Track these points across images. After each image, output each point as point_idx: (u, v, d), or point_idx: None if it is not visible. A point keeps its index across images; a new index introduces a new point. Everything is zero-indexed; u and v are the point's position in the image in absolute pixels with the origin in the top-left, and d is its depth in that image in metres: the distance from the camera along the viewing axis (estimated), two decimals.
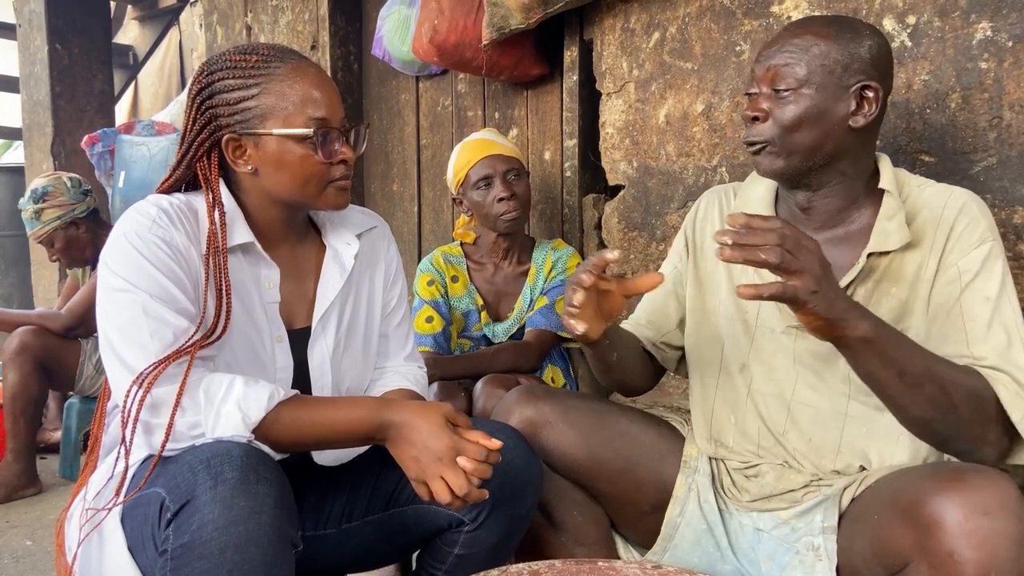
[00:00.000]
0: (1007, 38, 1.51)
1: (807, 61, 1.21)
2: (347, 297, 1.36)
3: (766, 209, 1.36)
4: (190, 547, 0.95)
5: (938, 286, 1.20)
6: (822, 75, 1.21)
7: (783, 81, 1.22)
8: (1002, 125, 1.52)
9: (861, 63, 1.21)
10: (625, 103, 2.22)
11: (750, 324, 1.35)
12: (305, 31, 3.29)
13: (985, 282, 1.16)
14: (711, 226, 1.45)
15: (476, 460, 1.08)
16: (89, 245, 2.97)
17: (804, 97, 1.21)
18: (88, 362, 2.92)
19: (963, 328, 1.16)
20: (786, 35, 1.25)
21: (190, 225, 1.19)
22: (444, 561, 1.29)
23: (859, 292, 1.24)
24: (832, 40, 1.21)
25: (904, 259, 1.23)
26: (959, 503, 0.95)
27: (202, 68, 1.23)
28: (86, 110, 4.86)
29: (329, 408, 1.14)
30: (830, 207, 1.28)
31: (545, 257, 2.20)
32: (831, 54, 1.20)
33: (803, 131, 1.22)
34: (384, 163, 3.21)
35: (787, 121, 1.22)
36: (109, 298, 1.11)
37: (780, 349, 1.31)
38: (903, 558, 1.01)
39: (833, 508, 1.21)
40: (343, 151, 1.23)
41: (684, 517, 1.34)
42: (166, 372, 1.06)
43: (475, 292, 2.19)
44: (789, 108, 1.22)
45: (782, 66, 1.23)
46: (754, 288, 1.02)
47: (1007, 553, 0.92)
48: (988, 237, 1.18)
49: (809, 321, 1.06)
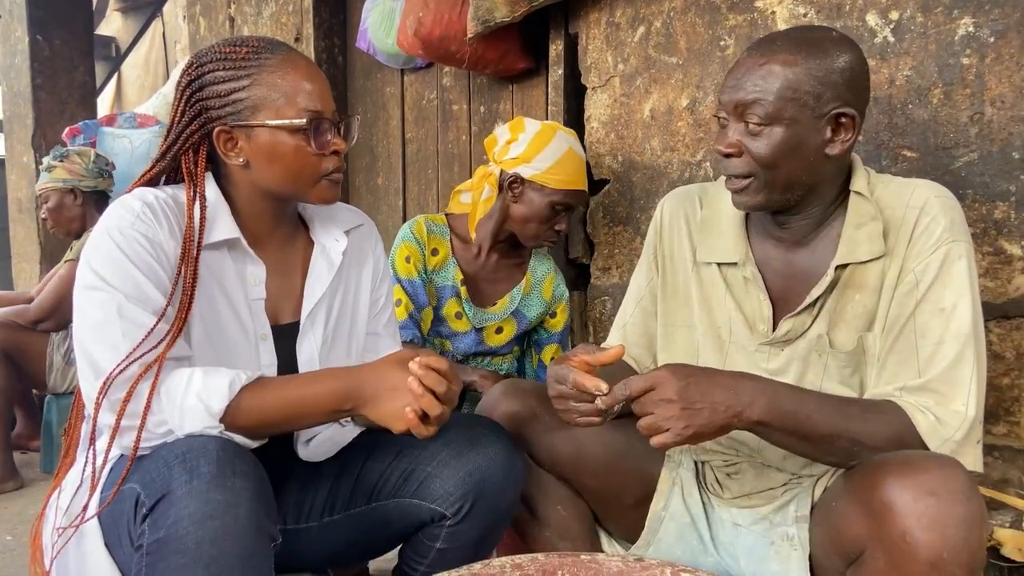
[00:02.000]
0: (989, 34, 1.52)
1: (776, 94, 1.14)
2: (335, 293, 1.35)
3: (738, 224, 1.32)
4: (165, 542, 0.94)
5: (897, 296, 1.17)
6: (794, 109, 1.14)
7: (752, 116, 1.16)
8: (983, 120, 1.53)
9: (834, 89, 1.14)
10: (610, 97, 2.22)
11: (723, 340, 1.33)
12: (289, 23, 3.27)
13: (941, 291, 1.14)
14: (678, 236, 1.40)
15: (420, 368, 1.10)
16: (78, 219, 2.99)
17: (776, 133, 1.15)
18: (56, 353, 2.89)
19: (915, 348, 1.14)
20: (750, 63, 1.17)
21: (175, 220, 1.17)
22: (426, 555, 1.28)
23: (827, 302, 1.23)
24: (801, 67, 1.13)
25: (867, 265, 1.20)
26: (908, 486, 0.95)
27: (191, 60, 1.22)
28: (67, 102, 4.81)
29: (295, 385, 1.13)
30: (807, 224, 1.25)
31: (545, 278, 2.12)
32: (801, 86, 1.13)
33: (782, 165, 1.16)
34: (369, 157, 3.19)
35: (762, 156, 1.16)
36: (85, 296, 1.10)
37: (754, 365, 1.29)
38: (859, 545, 1.02)
39: (806, 498, 1.22)
40: (336, 142, 1.22)
41: (668, 511, 1.34)
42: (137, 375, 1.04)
43: (456, 267, 2.04)
44: (762, 144, 1.16)
45: (750, 103, 1.16)
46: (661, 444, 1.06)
47: (956, 533, 0.93)
48: (946, 238, 1.14)
49: (700, 441, 1.08)
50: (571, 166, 1.96)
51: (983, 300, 1.19)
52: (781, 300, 1.28)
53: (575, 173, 1.97)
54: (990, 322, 1.52)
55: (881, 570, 0.98)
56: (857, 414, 1.10)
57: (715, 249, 1.34)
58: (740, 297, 1.31)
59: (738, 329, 1.31)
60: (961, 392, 1.11)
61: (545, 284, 2.12)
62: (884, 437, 1.08)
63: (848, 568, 1.06)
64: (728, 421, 1.05)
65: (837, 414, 1.09)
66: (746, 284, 1.30)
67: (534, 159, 1.94)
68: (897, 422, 1.10)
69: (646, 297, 1.44)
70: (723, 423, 1.05)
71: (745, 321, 1.30)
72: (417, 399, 1.09)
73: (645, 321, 1.45)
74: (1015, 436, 1.52)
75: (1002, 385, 1.53)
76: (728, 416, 1.05)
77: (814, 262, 1.25)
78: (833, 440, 1.08)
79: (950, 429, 1.09)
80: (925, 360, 1.13)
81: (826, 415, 1.08)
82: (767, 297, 1.27)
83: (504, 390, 1.39)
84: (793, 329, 1.24)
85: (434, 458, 1.26)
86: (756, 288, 1.28)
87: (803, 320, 1.24)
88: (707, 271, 1.36)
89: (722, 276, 1.33)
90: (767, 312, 1.27)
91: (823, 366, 1.23)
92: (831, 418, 1.08)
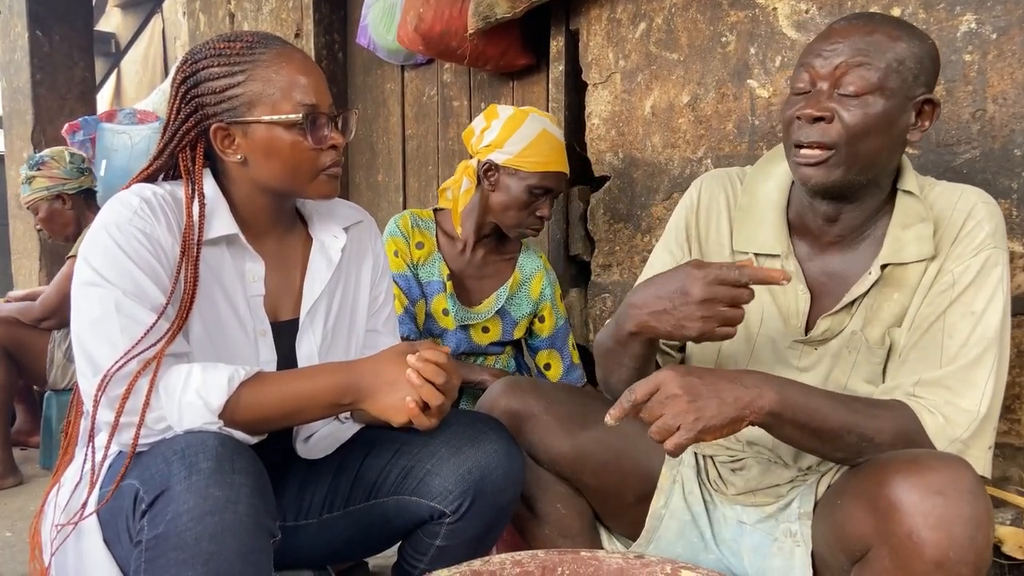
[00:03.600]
0: (991, 31, 1.51)
1: (884, 64, 1.10)
2: (335, 289, 1.35)
3: (780, 214, 1.27)
4: (165, 538, 0.94)
5: (931, 294, 1.17)
6: (897, 82, 1.10)
7: (854, 83, 1.10)
8: (985, 118, 1.53)
9: (927, 74, 1.13)
10: (611, 94, 2.22)
11: (752, 332, 1.31)
12: (289, 19, 3.27)
13: (975, 294, 1.13)
14: (716, 218, 1.35)
15: (418, 361, 1.11)
16: (72, 222, 2.98)
17: (875, 104, 1.10)
18: (57, 350, 2.89)
19: (940, 345, 1.14)
20: (853, 30, 1.13)
21: (173, 216, 1.17)
22: (426, 553, 1.28)
23: (865, 300, 1.22)
24: (905, 44, 1.11)
25: (910, 265, 1.19)
26: (914, 484, 0.95)
27: (186, 57, 1.21)
28: (67, 98, 4.80)
29: (294, 380, 1.13)
30: (857, 220, 1.22)
31: (534, 276, 2.07)
32: (906, 61, 1.10)
33: (869, 140, 1.11)
34: (369, 153, 3.19)
35: (854, 127, 1.10)
36: (83, 292, 1.09)
37: (781, 361, 1.28)
38: (864, 543, 1.02)
39: (809, 495, 1.22)
40: (333, 136, 1.21)
41: (669, 508, 1.34)
42: (136, 371, 1.04)
43: (441, 261, 1.98)
44: (857, 113, 1.11)
45: (856, 66, 1.11)
46: (675, 446, 1.03)
47: (963, 532, 0.92)
48: (988, 244, 1.14)
49: (716, 434, 1.04)
50: (545, 147, 1.89)
51: None
52: (816, 298, 1.26)
53: (550, 154, 1.90)
54: None
55: (887, 569, 0.97)
56: (865, 410, 1.09)
57: (754, 239, 1.29)
58: (776, 291, 1.28)
59: (770, 323, 1.29)
60: (974, 392, 1.10)
61: (533, 282, 2.07)
62: (892, 434, 1.08)
63: (853, 566, 1.05)
64: (739, 413, 1.03)
65: (845, 409, 1.08)
66: None
67: (506, 144, 1.89)
68: (905, 420, 1.10)
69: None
70: (734, 415, 1.03)
71: (779, 315, 1.27)
72: (416, 389, 1.10)
73: None
74: (1016, 434, 1.52)
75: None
76: (739, 407, 1.03)
77: (852, 262, 1.23)
78: (842, 435, 1.07)
79: (958, 429, 1.09)
80: (947, 358, 1.13)
81: (835, 408, 1.07)
82: (807, 291, 1.25)
83: (504, 388, 1.39)
84: (830, 328, 1.23)
85: (433, 455, 1.26)
86: (797, 281, 1.25)
87: (841, 319, 1.23)
88: (742, 260, 1.31)
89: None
90: (804, 307, 1.25)
91: (852, 363, 1.23)
92: (839, 412, 1.07)
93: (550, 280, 2.09)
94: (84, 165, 3.03)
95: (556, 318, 2.09)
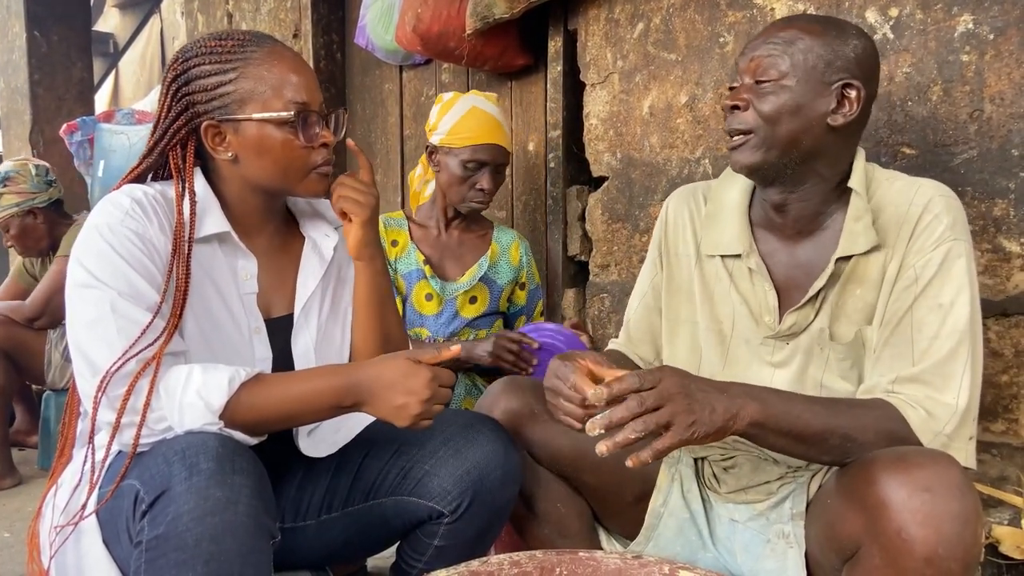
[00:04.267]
0: (989, 31, 1.51)
1: (790, 54, 1.20)
2: (327, 286, 1.36)
3: (741, 216, 1.33)
4: (165, 538, 0.94)
5: (896, 290, 1.18)
6: (804, 69, 1.20)
7: (765, 73, 1.21)
8: (983, 118, 1.53)
9: (845, 61, 1.20)
10: (609, 94, 2.22)
11: (725, 334, 1.34)
12: (287, 19, 3.26)
13: (940, 287, 1.15)
14: (682, 232, 1.42)
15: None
16: (46, 236, 2.94)
17: (785, 89, 1.20)
18: (55, 351, 2.88)
19: (911, 341, 1.15)
20: (772, 29, 1.25)
21: (165, 216, 1.17)
22: (424, 553, 1.28)
23: (829, 296, 1.24)
24: (817, 36, 1.20)
25: (869, 260, 1.21)
26: (902, 481, 0.95)
27: (177, 55, 1.21)
28: (65, 98, 4.80)
29: (295, 381, 1.13)
30: (805, 210, 1.26)
31: (511, 245, 2.19)
32: (815, 49, 1.20)
33: (782, 123, 1.20)
34: (367, 153, 3.17)
35: (766, 112, 1.21)
36: (77, 294, 1.09)
37: (756, 358, 1.30)
38: (854, 542, 1.02)
39: (802, 495, 1.22)
40: (324, 134, 1.22)
41: (667, 507, 1.34)
42: (135, 371, 1.04)
43: (416, 251, 2.09)
44: (769, 99, 1.21)
45: (765, 57, 1.22)
46: (638, 459, 1.01)
47: (952, 528, 0.93)
48: (948, 236, 1.16)
49: (702, 441, 1.05)
50: (473, 122, 2.02)
51: (982, 297, 1.19)
52: (785, 293, 1.28)
53: (478, 128, 2.01)
54: (988, 319, 1.52)
55: (877, 567, 0.98)
56: (846, 411, 1.10)
57: (719, 242, 1.34)
58: (745, 290, 1.31)
59: (742, 323, 1.31)
60: (952, 385, 1.11)
61: (511, 250, 2.19)
62: (875, 432, 1.09)
63: (844, 565, 1.06)
64: (725, 423, 1.05)
65: (826, 411, 1.09)
66: (751, 275, 1.30)
67: (439, 125, 2.05)
68: (888, 417, 1.10)
69: (649, 294, 1.46)
70: (721, 424, 1.04)
71: (750, 314, 1.30)
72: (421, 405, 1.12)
73: (649, 317, 1.46)
74: (1013, 433, 1.52)
75: (1000, 382, 1.53)
76: (725, 418, 1.04)
77: (816, 255, 1.26)
78: (826, 437, 1.08)
79: (940, 422, 1.10)
80: (920, 353, 1.14)
81: (815, 412, 1.09)
82: (772, 287, 1.28)
83: (503, 387, 1.39)
84: (797, 323, 1.25)
85: (432, 456, 1.26)
86: (761, 278, 1.28)
87: (806, 313, 1.24)
88: (710, 265, 1.37)
89: (726, 269, 1.34)
90: (773, 303, 1.27)
91: (824, 360, 1.24)
92: (820, 415, 1.08)
93: (525, 247, 2.23)
94: (50, 177, 2.96)
95: (531, 284, 2.25)
